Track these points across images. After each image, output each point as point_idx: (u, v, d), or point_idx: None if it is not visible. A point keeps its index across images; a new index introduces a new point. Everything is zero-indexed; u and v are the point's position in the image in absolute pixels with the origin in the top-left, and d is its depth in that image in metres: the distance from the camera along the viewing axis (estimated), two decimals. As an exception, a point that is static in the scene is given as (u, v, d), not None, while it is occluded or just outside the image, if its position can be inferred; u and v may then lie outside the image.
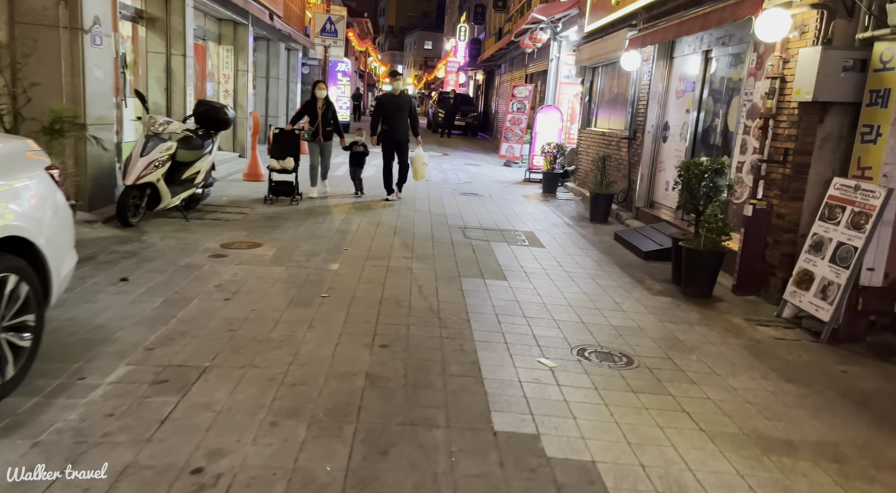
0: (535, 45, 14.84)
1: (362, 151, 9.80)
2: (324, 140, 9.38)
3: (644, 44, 8.31)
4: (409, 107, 9.37)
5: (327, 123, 9.29)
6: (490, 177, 13.79)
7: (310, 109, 9.32)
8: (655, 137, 9.04)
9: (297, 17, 17.57)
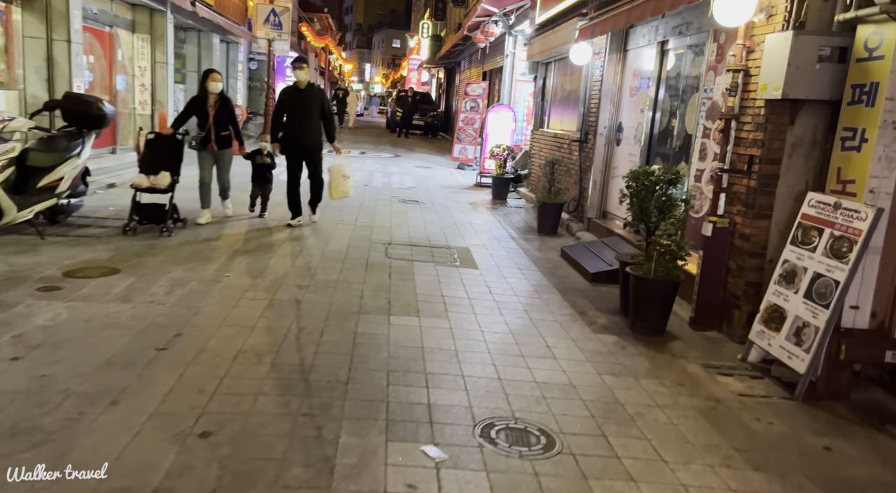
0: (487, 40, 13.86)
1: (268, 164, 7.70)
2: (218, 148, 7.09)
3: (594, 34, 7.36)
4: (320, 103, 7.14)
5: (222, 125, 7.04)
6: (438, 181, 12.77)
7: (198, 108, 6.97)
8: (608, 139, 8.11)
9: (235, 8, 16.31)
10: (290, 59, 22.11)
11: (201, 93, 7.03)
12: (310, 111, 7.10)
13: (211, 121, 6.98)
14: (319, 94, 7.25)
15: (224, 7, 15.10)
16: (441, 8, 31.70)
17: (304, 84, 7.17)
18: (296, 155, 7.27)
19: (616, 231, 7.33)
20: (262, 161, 7.68)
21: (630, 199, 5.13)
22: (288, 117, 7.14)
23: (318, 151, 7.39)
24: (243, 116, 14.29)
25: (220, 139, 7.08)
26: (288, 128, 7.15)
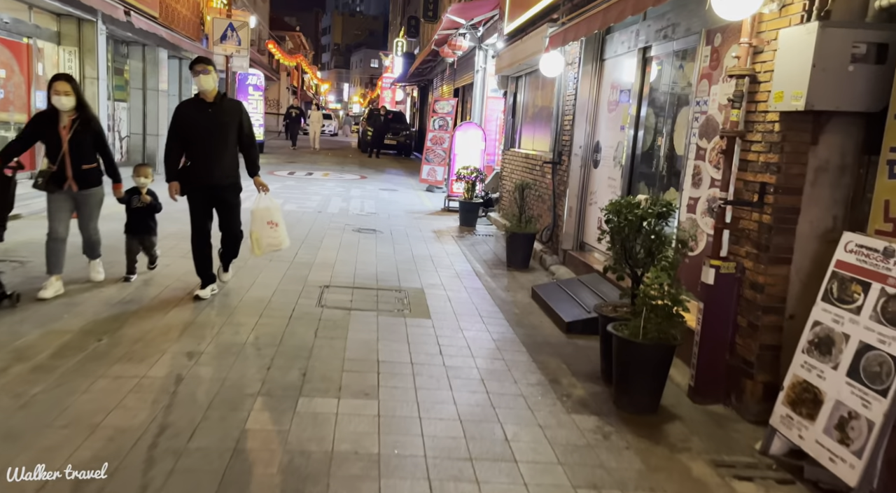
0: (455, 54, 12.96)
1: (150, 206, 5.47)
2: (80, 188, 4.94)
3: (566, 40, 6.41)
4: (236, 123, 5.05)
5: (85, 155, 4.90)
6: (403, 206, 11.72)
7: (45, 130, 4.84)
8: (585, 160, 7.13)
9: (186, 22, 15.25)
10: (252, 77, 21.13)
11: (49, 108, 4.85)
12: (221, 135, 4.96)
13: (66, 149, 4.79)
14: (234, 109, 5.12)
15: (172, 20, 14.04)
16: (414, 25, 30.98)
17: (212, 96, 4.98)
18: (202, 198, 5.07)
19: (595, 267, 6.32)
20: (140, 204, 5.41)
21: (611, 237, 4.11)
22: (189, 144, 4.97)
23: (235, 192, 5.22)
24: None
25: (82, 175, 4.91)
26: (190, 159, 5.03)
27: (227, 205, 5.22)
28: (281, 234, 5.39)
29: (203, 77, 4.92)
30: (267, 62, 35.87)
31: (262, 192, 5.27)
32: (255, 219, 5.31)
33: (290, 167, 17.19)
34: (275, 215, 5.36)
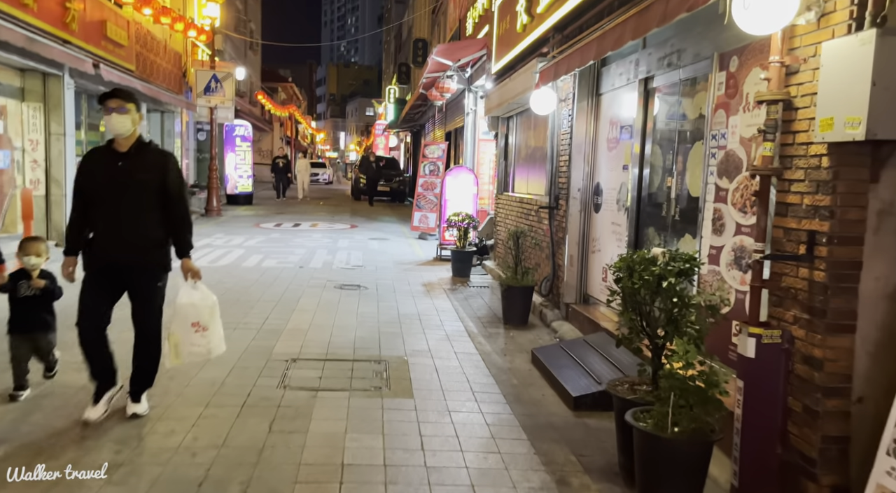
0: (443, 96, 12.48)
1: (46, 292, 4.00)
2: None
3: (557, 74, 5.81)
4: (157, 180, 3.69)
5: None
6: (393, 256, 11.01)
7: None
8: (584, 204, 6.45)
9: (167, 74, 14.86)
10: (239, 128, 20.75)
11: None
12: (134, 195, 3.63)
13: None
14: (157, 163, 3.74)
15: (151, 73, 13.63)
16: (405, 72, 30.94)
17: (128, 143, 3.64)
18: (104, 281, 3.69)
19: (603, 324, 5.56)
20: (30, 292, 3.95)
21: (622, 301, 3.38)
22: (92, 207, 3.66)
23: (153, 276, 3.80)
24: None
25: None
26: (93, 227, 3.71)
27: (139, 294, 3.78)
28: (212, 340, 3.86)
29: (116, 118, 3.55)
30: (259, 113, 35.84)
31: (190, 280, 3.81)
32: (176, 317, 3.77)
33: (277, 219, 16.57)
34: (203, 315, 3.79)
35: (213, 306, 3.87)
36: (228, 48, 28.04)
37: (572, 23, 6.04)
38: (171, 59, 15.22)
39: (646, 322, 3.31)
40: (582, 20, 5.88)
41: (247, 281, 8.11)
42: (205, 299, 3.84)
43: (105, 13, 10.88)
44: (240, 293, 7.36)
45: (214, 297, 3.89)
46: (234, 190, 20.43)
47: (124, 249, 3.66)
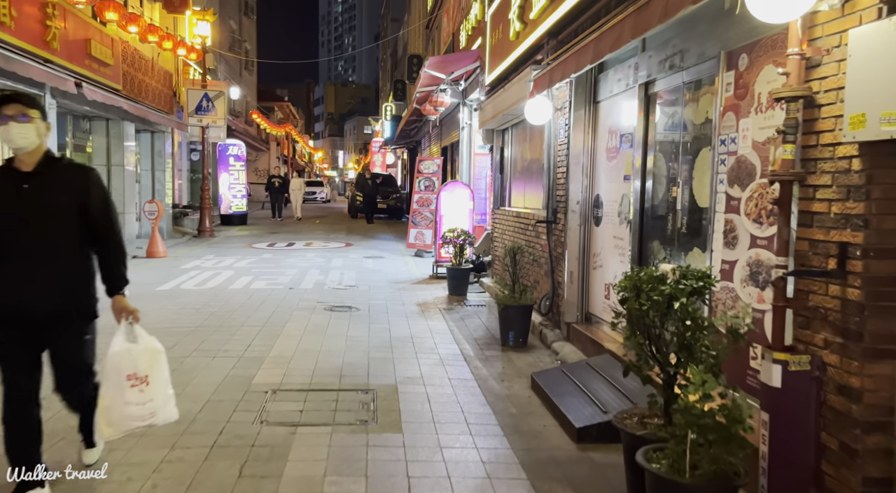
0: (437, 110, 12.21)
1: None
2: None
3: (552, 81, 5.51)
4: (76, 204, 2.95)
5: None
6: (387, 275, 10.66)
7: None
8: (584, 217, 6.12)
9: (157, 94, 14.63)
10: (232, 147, 20.51)
11: None
12: (44, 224, 2.92)
13: None
14: (75, 182, 3.00)
15: (140, 92, 13.38)
16: (401, 89, 30.84)
17: (35, 160, 2.90)
18: (17, 333, 2.91)
19: (606, 345, 5.20)
20: None
21: (628, 324, 3.03)
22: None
23: (78, 327, 3.05)
24: (160, 213, 12.25)
25: None
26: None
27: (60, 350, 3.01)
28: (155, 397, 3.01)
29: (15, 127, 2.77)
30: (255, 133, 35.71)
31: (125, 323, 3.03)
32: (105, 372, 2.98)
33: (270, 239, 16.25)
34: (141, 365, 2.97)
35: (156, 355, 3.05)
36: (223, 68, 27.95)
37: (567, 27, 5.75)
38: (161, 78, 14.99)
39: (655, 347, 2.96)
40: (577, 23, 5.59)
41: (233, 304, 7.76)
42: (146, 345, 3.04)
43: (89, 31, 10.65)
44: (224, 318, 7.00)
45: (160, 345, 3.09)
46: (228, 210, 20.15)
47: (37, 295, 2.89)
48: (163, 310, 7.30)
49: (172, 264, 11.36)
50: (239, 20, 32.23)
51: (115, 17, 9.95)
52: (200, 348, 5.71)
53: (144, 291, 8.54)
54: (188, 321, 6.75)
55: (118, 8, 9.92)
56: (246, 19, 34.11)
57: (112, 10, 9.85)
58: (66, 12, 9.79)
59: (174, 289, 8.75)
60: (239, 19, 32.24)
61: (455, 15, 15.38)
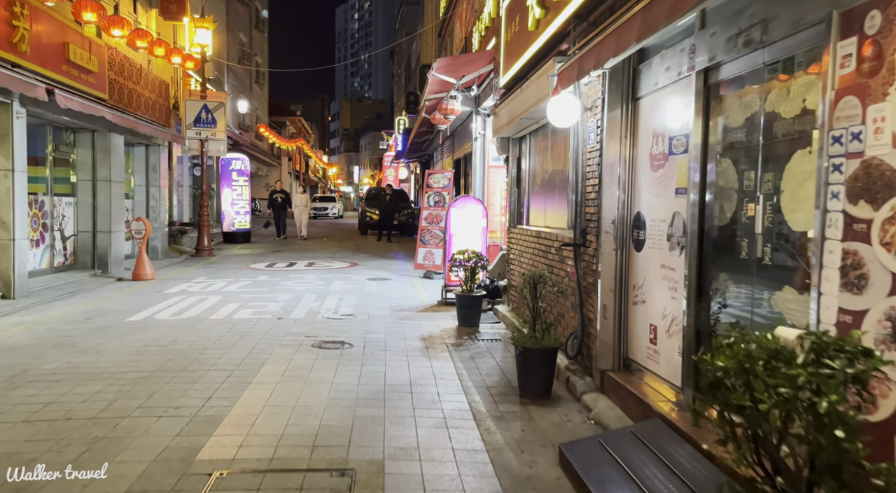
0: (447, 119, 11.16)
1: None
2: None
3: (582, 72, 4.41)
4: None
5: None
6: (391, 300, 9.56)
7: None
8: (620, 240, 4.98)
9: (151, 104, 13.76)
10: (235, 162, 19.64)
11: None
12: None
13: None
14: None
15: (130, 103, 12.50)
16: (413, 101, 29.92)
17: None
18: None
19: (655, 405, 4.04)
20: None
21: (727, 431, 1.89)
22: None
23: None
24: (147, 231, 11.28)
25: None
26: None
27: None
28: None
29: None
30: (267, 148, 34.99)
31: None
32: None
33: (271, 259, 15.25)
34: None
35: None
36: (231, 80, 27.26)
37: (600, 4, 4.65)
38: (156, 88, 14.14)
39: (776, 466, 1.81)
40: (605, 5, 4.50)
41: (207, 340, 6.69)
42: None
43: (68, 35, 9.77)
44: (191, 358, 5.93)
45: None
46: (230, 227, 19.23)
47: None
48: (122, 348, 6.25)
49: (157, 288, 10.37)
50: (249, 33, 31.63)
51: (93, 19, 9.07)
52: (147, 404, 4.63)
53: (113, 321, 7.53)
54: (147, 364, 5.68)
55: (97, 8, 9.03)
56: (257, 33, 33.54)
57: (90, 11, 8.97)
58: (38, 13, 8.92)
59: (146, 320, 7.72)
60: (249, 32, 31.64)
61: (468, 18, 14.40)
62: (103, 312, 8.19)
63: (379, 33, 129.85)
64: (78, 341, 6.53)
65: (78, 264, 11.68)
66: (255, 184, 32.68)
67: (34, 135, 10.47)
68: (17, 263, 8.73)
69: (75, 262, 11.64)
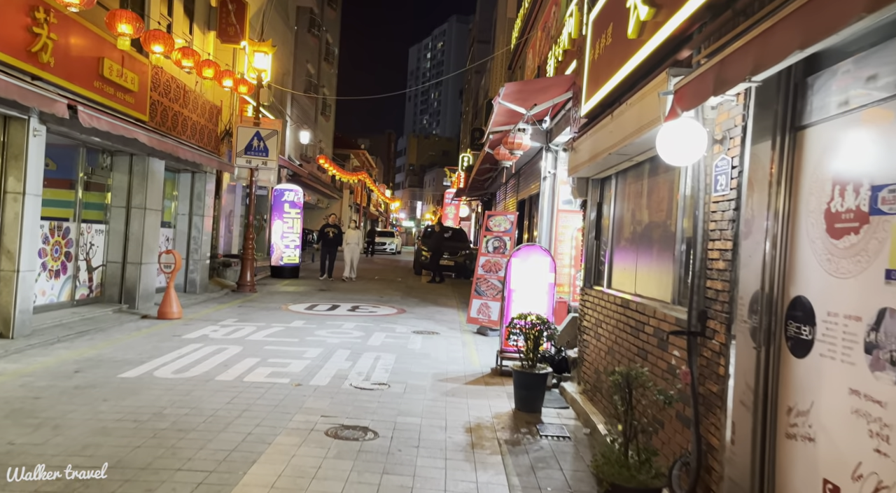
0: (513, 154, 9.73)
1: None
2: None
3: (723, 84, 2.89)
4: None
5: None
6: (436, 364, 8.05)
7: None
8: (766, 335, 3.33)
9: (200, 130, 12.99)
10: (288, 193, 18.78)
11: None
12: None
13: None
14: None
15: (175, 126, 11.71)
16: (478, 137, 28.84)
17: None
18: None
19: None
20: None
21: None
22: None
23: None
24: (177, 266, 10.26)
25: None
26: None
27: None
28: None
29: None
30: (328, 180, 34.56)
31: None
32: None
33: (314, 299, 14.05)
34: None
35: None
36: (295, 110, 26.92)
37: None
38: (206, 112, 13.40)
39: None
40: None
41: (199, 415, 5.35)
42: None
43: (104, 49, 8.99)
44: (165, 446, 4.57)
45: None
46: (279, 261, 18.28)
47: None
48: (88, 423, 4.96)
49: (178, 330, 9.24)
50: (318, 65, 31.51)
51: (128, 31, 8.24)
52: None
53: (102, 378, 6.32)
54: (104, 452, 4.33)
55: (133, 20, 8.20)
56: (326, 65, 33.46)
57: (125, 22, 8.14)
58: (68, 23, 8.12)
59: (142, 377, 6.48)
60: (318, 64, 31.52)
61: (541, 47, 13.09)
62: (100, 362, 7.03)
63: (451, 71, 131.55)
64: (44, 407, 5.30)
65: (104, 297, 10.75)
66: (315, 215, 32.12)
67: (65, 156, 9.71)
68: (20, 298, 7.74)
69: (101, 294, 10.72)
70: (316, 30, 29.46)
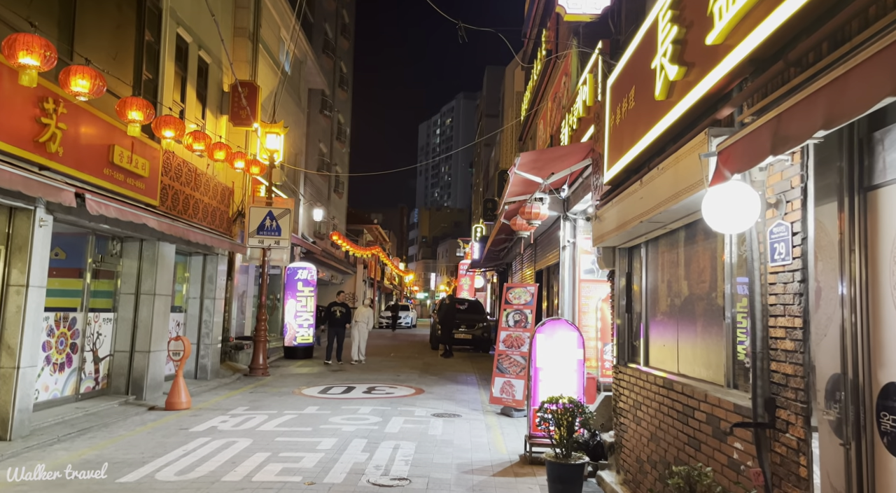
0: (530, 224, 9.42)
1: None
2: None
3: (782, 143, 2.54)
4: None
5: None
6: (460, 452, 7.43)
7: None
8: (854, 428, 2.82)
9: (209, 211, 12.90)
10: (301, 271, 18.52)
11: None
12: None
13: None
14: None
15: (187, 209, 11.61)
16: (491, 208, 28.82)
17: None
18: None
19: None
20: None
21: None
22: None
23: None
24: (186, 353, 9.84)
25: None
26: None
27: None
28: None
29: None
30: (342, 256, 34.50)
31: None
32: None
33: (328, 381, 13.48)
34: None
35: None
36: (309, 189, 27.13)
37: (802, 38, 2.83)
38: (217, 194, 13.35)
39: None
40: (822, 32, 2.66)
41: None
42: None
43: (114, 136, 8.96)
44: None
45: None
46: (292, 342, 17.81)
47: None
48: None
49: (185, 423, 8.72)
50: (330, 144, 32.06)
51: (139, 117, 8.21)
52: None
53: (101, 485, 5.76)
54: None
55: (143, 107, 8.19)
56: (338, 143, 34.05)
57: (136, 109, 8.12)
58: (77, 112, 8.10)
59: (143, 480, 5.93)
60: (330, 143, 32.07)
61: (553, 117, 13.05)
62: (99, 464, 6.49)
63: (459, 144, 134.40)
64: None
65: (111, 388, 10.30)
66: (329, 291, 31.83)
67: (73, 244, 9.52)
68: (20, 396, 7.32)
69: (108, 386, 10.26)
70: (328, 111, 30.15)
